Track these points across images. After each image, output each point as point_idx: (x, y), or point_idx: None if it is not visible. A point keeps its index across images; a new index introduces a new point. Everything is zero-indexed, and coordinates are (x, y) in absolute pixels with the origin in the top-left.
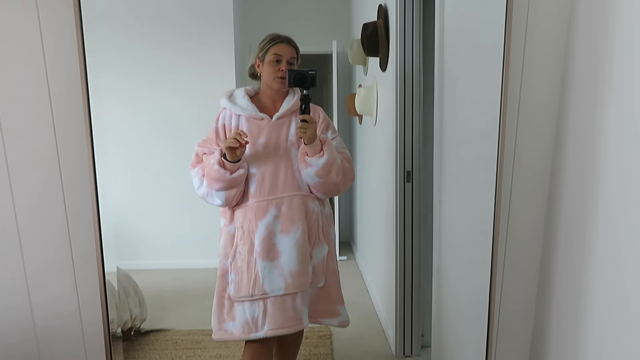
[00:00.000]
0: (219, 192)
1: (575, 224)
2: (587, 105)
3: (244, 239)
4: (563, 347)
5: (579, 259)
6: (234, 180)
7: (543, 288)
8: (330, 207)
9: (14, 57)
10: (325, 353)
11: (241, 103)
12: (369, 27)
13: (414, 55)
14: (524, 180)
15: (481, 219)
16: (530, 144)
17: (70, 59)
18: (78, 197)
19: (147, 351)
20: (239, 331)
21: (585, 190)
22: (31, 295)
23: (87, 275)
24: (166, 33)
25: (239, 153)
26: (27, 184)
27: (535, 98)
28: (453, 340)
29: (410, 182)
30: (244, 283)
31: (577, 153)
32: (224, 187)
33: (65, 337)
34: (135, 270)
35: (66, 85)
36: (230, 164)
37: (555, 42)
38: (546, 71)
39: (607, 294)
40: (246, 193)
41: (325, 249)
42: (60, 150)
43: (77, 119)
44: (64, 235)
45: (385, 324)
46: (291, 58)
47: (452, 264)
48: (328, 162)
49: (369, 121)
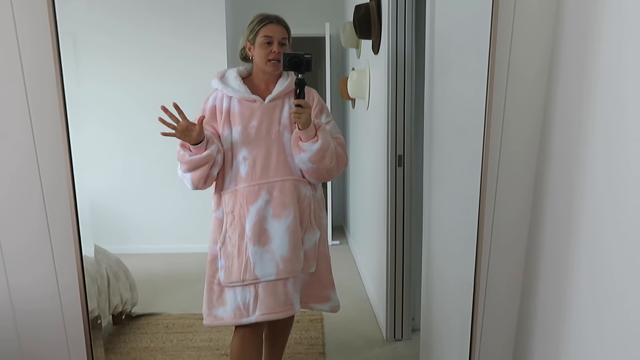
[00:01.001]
0: (185, 174)
1: (561, 207)
2: (575, 88)
3: (235, 224)
4: (548, 331)
5: (564, 242)
6: (193, 162)
7: (529, 272)
8: (322, 192)
9: None
10: (316, 337)
11: (233, 84)
12: (361, 9)
13: (406, 38)
14: (511, 164)
15: (470, 203)
16: (517, 127)
17: (43, 38)
18: (54, 179)
19: (138, 335)
20: (230, 316)
21: (571, 173)
22: (9, 278)
23: (66, 258)
24: (157, 15)
25: (195, 135)
26: (3, 166)
27: (522, 83)
28: (442, 323)
29: (402, 167)
30: (235, 268)
31: (564, 137)
32: (187, 168)
33: (45, 321)
34: (126, 254)
35: (40, 64)
36: (194, 146)
37: (544, 22)
38: (534, 52)
39: (591, 275)
40: (237, 177)
41: (317, 234)
42: (35, 132)
43: (52, 101)
44: (42, 217)
45: (376, 308)
46: (282, 39)
47: (441, 248)
48: (322, 148)
49: (361, 105)
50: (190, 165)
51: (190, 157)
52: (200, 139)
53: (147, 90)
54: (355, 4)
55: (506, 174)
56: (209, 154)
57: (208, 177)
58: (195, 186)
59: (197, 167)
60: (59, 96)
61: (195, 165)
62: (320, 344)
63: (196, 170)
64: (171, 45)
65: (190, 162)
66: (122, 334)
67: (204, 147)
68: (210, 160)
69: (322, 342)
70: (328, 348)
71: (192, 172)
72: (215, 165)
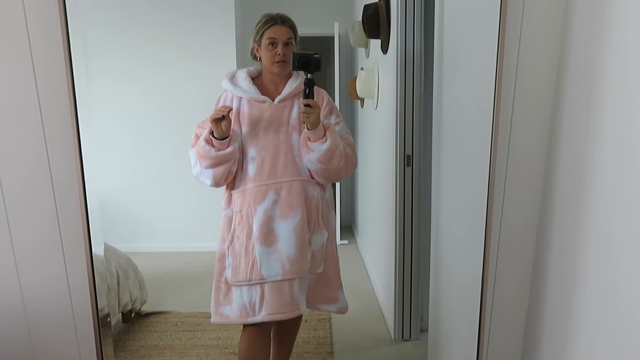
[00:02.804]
0: (207, 170)
1: (570, 210)
2: (583, 89)
3: (242, 223)
4: (555, 332)
5: (572, 244)
6: (218, 158)
7: (537, 273)
8: (331, 193)
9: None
10: (324, 336)
11: (243, 85)
12: (370, 8)
13: (415, 37)
14: (519, 166)
15: (478, 203)
16: (525, 129)
17: (54, 37)
18: (65, 179)
19: (147, 333)
20: (236, 315)
21: (579, 176)
22: (21, 277)
23: (77, 257)
24: (166, 13)
25: (224, 128)
26: (15, 166)
27: (531, 83)
28: (450, 324)
29: (410, 166)
30: (242, 267)
31: (572, 139)
32: (210, 164)
33: (55, 318)
34: (136, 252)
35: (51, 64)
36: (218, 142)
37: (552, 23)
38: (542, 54)
39: (599, 278)
40: (245, 177)
41: (324, 235)
42: (46, 133)
43: (62, 100)
44: (52, 217)
45: (385, 308)
46: (287, 39)
47: (449, 248)
48: (330, 149)
49: (370, 105)
50: (215, 160)
51: (216, 152)
52: (227, 133)
53: (156, 88)
54: (364, 4)
55: (514, 175)
56: (233, 150)
57: (229, 173)
58: (216, 183)
59: (222, 163)
60: (69, 95)
61: (220, 161)
62: (328, 344)
63: (219, 167)
64: (180, 43)
65: (216, 158)
66: (132, 331)
67: (227, 143)
68: (234, 157)
69: (330, 342)
70: (336, 347)
71: (215, 167)
72: (236, 162)
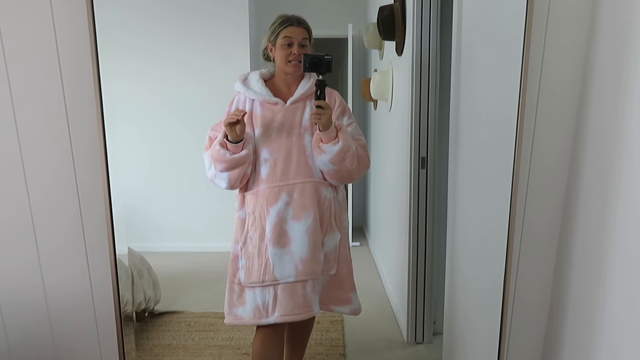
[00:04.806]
0: (222, 174)
1: (593, 214)
2: (610, 94)
3: (255, 225)
4: (578, 340)
5: (596, 251)
6: (233, 161)
7: (559, 279)
8: (344, 194)
9: (26, 37)
10: (336, 338)
11: (255, 87)
12: (385, 9)
13: (430, 39)
14: (542, 169)
15: (497, 207)
16: (549, 132)
17: (81, 39)
18: (90, 179)
19: (161, 332)
20: (250, 316)
21: (604, 181)
22: (44, 276)
23: (99, 256)
24: (181, 14)
25: (238, 131)
26: (40, 167)
27: (555, 86)
28: (466, 328)
29: (425, 169)
30: (255, 269)
31: (598, 142)
32: (225, 167)
33: (77, 317)
34: (150, 252)
35: (78, 66)
36: (232, 145)
37: (578, 27)
38: (568, 57)
39: (625, 284)
40: (258, 178)
41: (337, 237)
42: (72, 133)
43: (89, 100)
44: (76, 217)
45: (397, 310)
46: (303, 39)
47: (465, 252)
48: (342, 150)
49: (384, 106)
50: (230, 163)
51: (230, 156)
52: (241, 137)
53: (170, 89)
54: (378, 5)
55: (537, 179)
56: (247, 152)
57: (244, 176)
58: (231, 185)
59: (237, 166)
60: (96, 95)
61: (235, 164)
62: (341, 345)
63: (234, 170)
64: (194, 44)
65: (231, 161)
66: (145, 331)
67: (241, 146)
68: (248, 159)
69: (342, 344)
70: (349, 349)
71: (230, 171)
72: (250, 165)
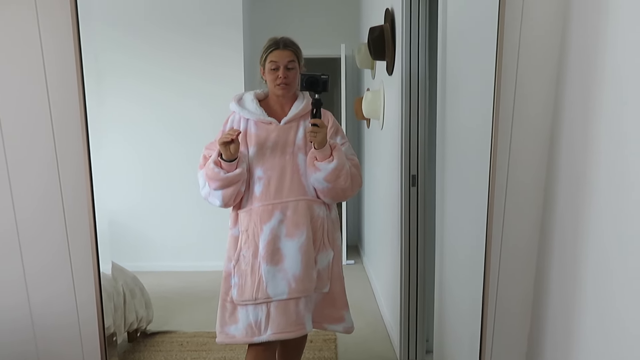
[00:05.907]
0: (216, 192)
1: (569, 228)
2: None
3: (249, 243)
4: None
5: (571, 265)
6: (227, 179)
7: (538, 293)
8: (337, 213)
9: (13, 58)
10: (329, 357)
11: (250, 107)
12: (376, 30)
13: (419, 59)
14: (519, 184)
15: (481, 224)
16: (524, 148)
17: (68, 62)
18: (75, 199)
19: (153, 352)
20: (242, 334)
21: (578, 195)
22: (30, 294)
23: (85, 276)
24: (176, 35)
25: (233, 150)
26: (27, 186)
27: (529, 103)
28: (454, 345)
29: (415, 186)
30: (248, 286)
31: (570, 159)
32: (219, 185)
33: (62, 335)
34: (142, 272)
35: (64, 88)
36: (226, 164)
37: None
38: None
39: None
40: (252, 196)
41: (330, 254)
42: (58, 154)
43: (75, 122)
44: (62, 237)
45: (390, 328)
46: (289, 62)
47: (452, 268)
48: (337, 168)
49: (376, 125)
50: (225, 182)
51: (225, 174)
52: (235, 155)
53: (164, 108)
54: (369, 26)
55: (514, 193)
56: (241, 171)
57: (238, 194)
58: (225, 203)
59: (231, 185)
60: (81, 115)
61: (229, 183)
62: None
63: (228, 188)
64: (189, 64)
65: (225, 180)
66: (137, 351)
67: (235, 165)
68: (242, 178)
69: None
70: None
71: (224, 189)
72: (244, 183)
